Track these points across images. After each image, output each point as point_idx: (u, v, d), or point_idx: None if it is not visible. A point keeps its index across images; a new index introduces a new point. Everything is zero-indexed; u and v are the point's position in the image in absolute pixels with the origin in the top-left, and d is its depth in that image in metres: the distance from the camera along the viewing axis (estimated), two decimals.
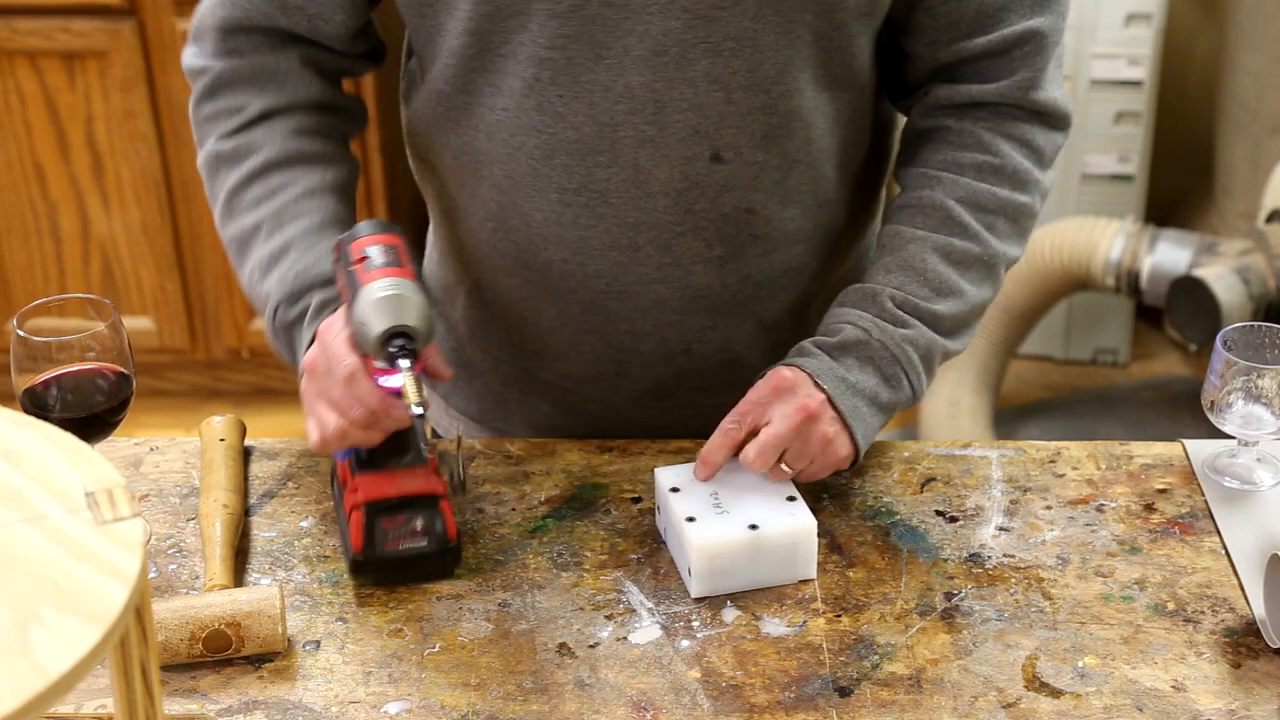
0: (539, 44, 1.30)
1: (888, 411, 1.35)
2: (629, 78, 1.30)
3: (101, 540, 0.80)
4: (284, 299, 1.34)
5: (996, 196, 1.38)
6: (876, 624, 1.24)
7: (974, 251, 1.37)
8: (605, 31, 1.28)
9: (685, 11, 1.27)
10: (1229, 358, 1.34)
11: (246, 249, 1.39)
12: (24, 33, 2.84)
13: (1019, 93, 1.37)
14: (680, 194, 1.35)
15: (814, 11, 1.30)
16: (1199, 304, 2.83)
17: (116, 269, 3.03)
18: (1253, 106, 3.11)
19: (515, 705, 1.17)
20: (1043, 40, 1.36)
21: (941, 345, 1.37)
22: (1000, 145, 1.38)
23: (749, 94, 1.32)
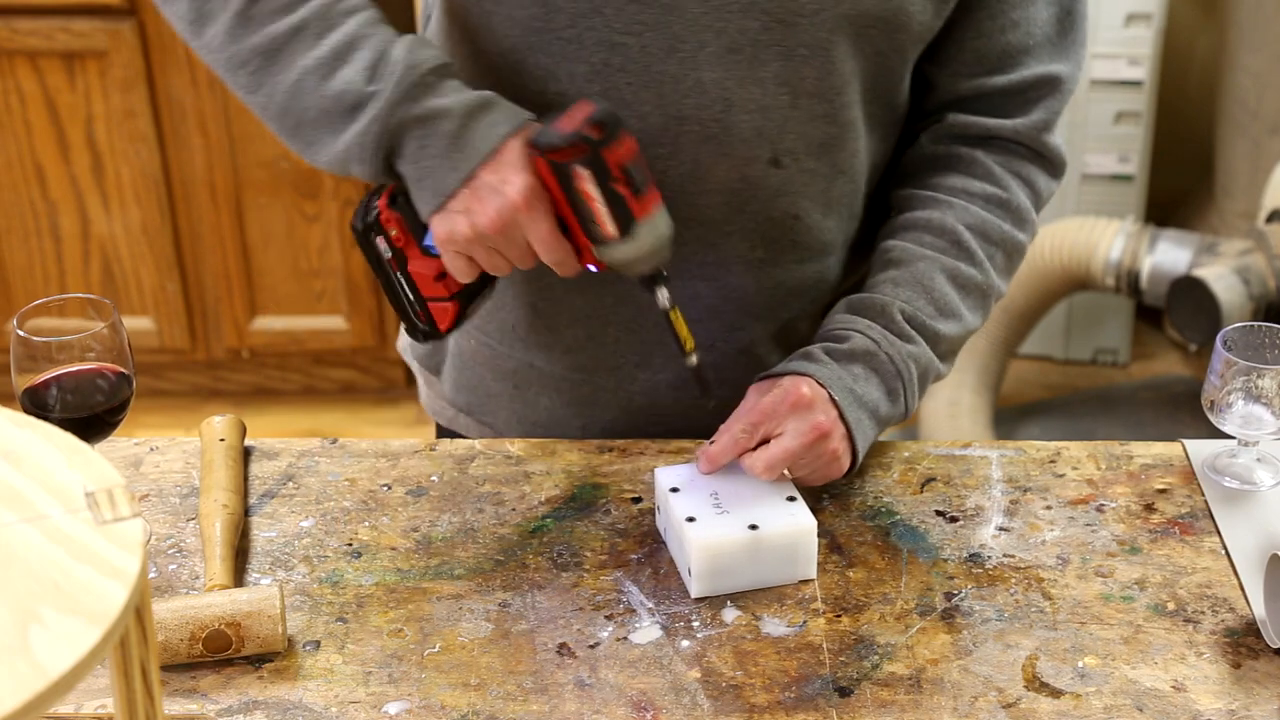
0: (613, 28, 1.29)
1: (883, 425, 1.37)
2: (701, 73, 1.30)
3: (101, 540, 0.80)
4: (399, 98, 1.25)
5: (1001, 230, 1.42)
6: (876, 624, 1.24)
7: (976, 279, 1.40)
8: (684, 24, 1.28)
9: (765, 14, 1.28)
10: (1229, 358, 1.34)
11: (281, 58, 1.28)
12: (24, 33, 2.84)
13: (1032, 133, 1.42)
14: (734, 194, 1.36)
15: (881, 29, 1.32)
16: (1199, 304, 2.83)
17: (116, 269, 3.03)
18: (1253, 106, 3.11)
19: (515, 705, 1.17)
20: (1060, 86, 1.41)
21: (936, 367, 1.39)
22: (1009, 181, 1.42)
23: (814, 101, 1.33)
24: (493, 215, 1.24)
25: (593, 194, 1.24)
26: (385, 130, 1.26)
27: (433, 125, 1.25)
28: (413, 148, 1.26)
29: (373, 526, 1.35)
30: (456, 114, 1.25)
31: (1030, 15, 1.38)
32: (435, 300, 1.34)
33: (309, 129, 1.29)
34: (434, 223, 1.28)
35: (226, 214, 2.99)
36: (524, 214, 1.25)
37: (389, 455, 1.43)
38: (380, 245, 1.33)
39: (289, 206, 2.99)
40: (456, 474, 1.41)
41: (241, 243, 3.02)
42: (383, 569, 1.30)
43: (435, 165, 1.26)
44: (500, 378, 1.50)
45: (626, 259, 1.28)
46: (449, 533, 1.34)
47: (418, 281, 1.33)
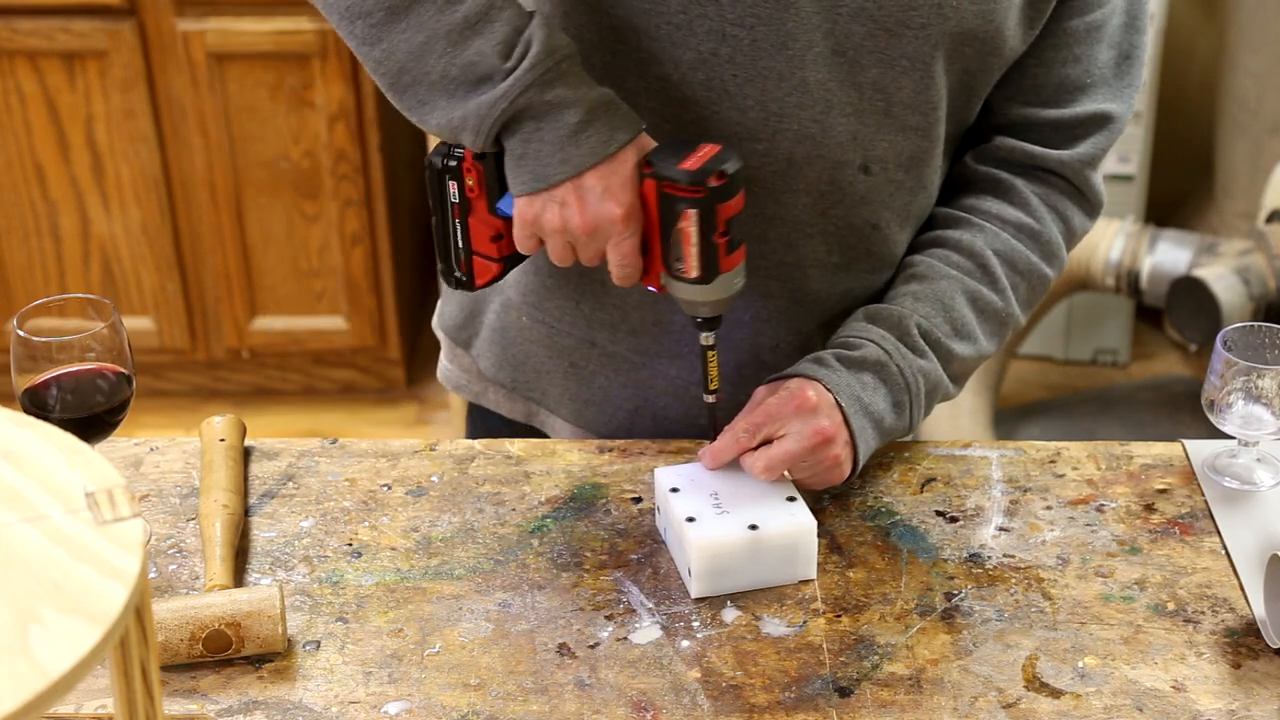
0: (726, 18, 1.29)
1: (886, 436, 1.37)
2: (806, 72, 1.30)
3: (101, 540, 0.80)
4: (535, 82, 1.23)
5: (1029, 261, 1.42)
6: (876, 624, 1.24)
7: (997, 305, 1.41)
8: (796, 21, 1.29)
9: (872, 21, 1.29)
10: (1229, 358, 1.34)
11: (410, 15, 1.24)
12: (24, 33, 2.84)
13: (1076, 166, 1.42)
14: (822, 195, 1.36)
15: (976, 49, 1.33)
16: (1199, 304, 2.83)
17: (116, 269, 3.03)
18: (1253, 106, 3.11)
19: (515, 705, 1.17)
20: (1110, 125, 1.42)
21: (945, 386, 1.40)
22: (1044, 213, 1.43)
23: (908, 112, 1.34)
24: (589, 220, 1.25)
25: (691, 236, 1.26)
26: (510, 109, 1.24)
27: (555, 114, 1.24)
28: (529, 129, 1.25)
29: (373, 526, 1.35)
30: (581, 109, 1.24)
31: (1093, 54, 1.38)
32: (483, 257, 1.35)
33: (426, 91, 1.26)
34: (523, 201, 1.27)
35: (226, 214, 2.99)
36: (618, 229, 1.26)
37: (389, 455, 1.43)
38: (451, 189, 1.32)
39: (289, 206, 2.99)
40: (456, 474, 1.41)
41: (241, 243, 3.02)
42: (383, 569, 1.30)
43: (545, 152, 1.25)
44: (555, 355, 1.49)
45: (693, 300, 1.29)
46: (449, 533, 1.34)
47: (473, 234, 1.34)
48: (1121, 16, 1.40)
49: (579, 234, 1.26)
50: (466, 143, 1.27)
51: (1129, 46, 1.41)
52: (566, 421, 1.51)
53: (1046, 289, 1.45)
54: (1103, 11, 1.38)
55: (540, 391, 1.52)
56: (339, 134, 2.90)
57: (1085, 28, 1.37)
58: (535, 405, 1.53)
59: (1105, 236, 2.99)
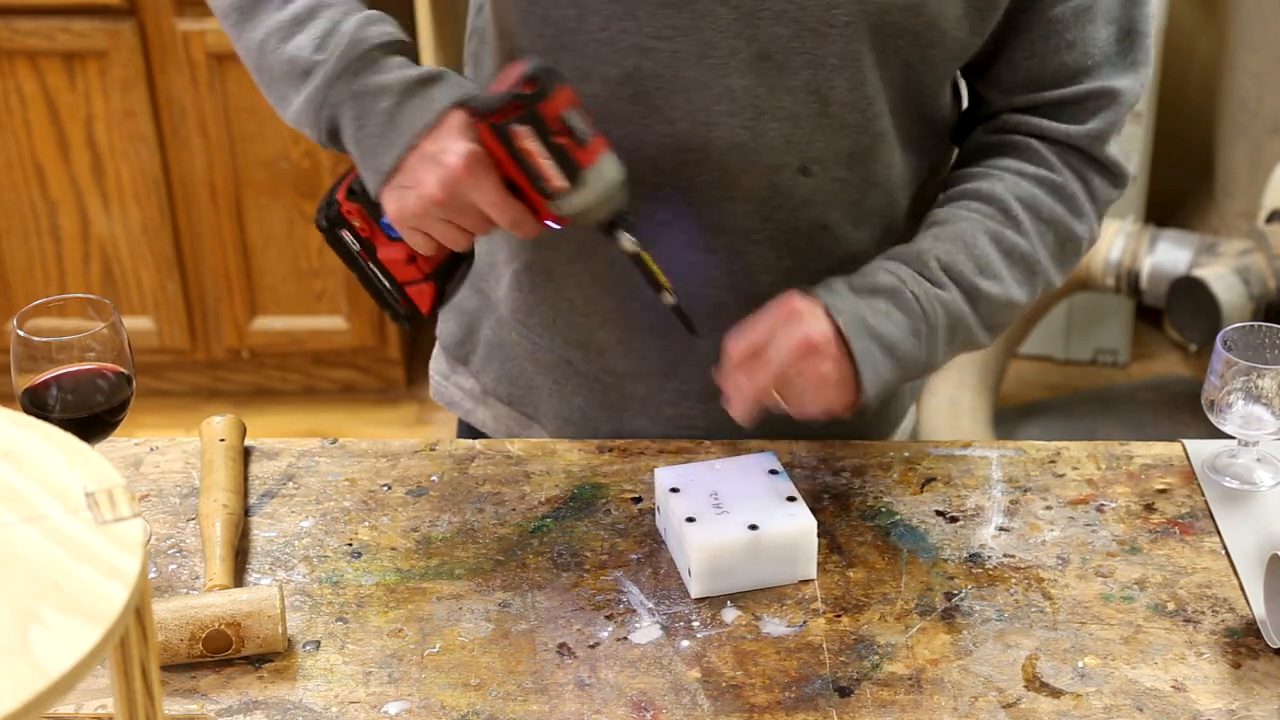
0: (645, 33, 1.29)
1: (905, 366, 1.31)
2: (731, 80, 1.30)
3: (101, 540, 0.80)
4: (340, 70, 1.28)
5: (1054, 211, 1.37)
6: (876, 624, 1.24)
7: (1022, 247, 1.35)
8: (715, 30, 1.28)
9: (795, 22, 1.28)
10: (1229, 358, 1.34)
11: (255, 15, 1.32)
12: (24, 33, 2.84)
13: (1087, 140, 1.38)
14: (762, 202, 1.35)
15: (911, 42, 1.31)
16: (1199, 304, 2.83)
17: (116, 269, 3.03)
18: (1253, 106, 3.11)
19: (515, 705, 1.17)
20: (1118, 99, 1.37)
21: (970, 322, 1.34)
22: (1064, 170, 1.38)
23: (844, 111, 1.32)
24: (435, 185, 1.24)
25: (535, 150, 1.24)
26: (324, 102, 1.28)
27: (370, 102, 1.27)
28: (351, 126, 1.28)
29: (373, 526, 1.35)
30: (394, 91, 1.26)
31: (1088, 35, 1.34)
32: (411, 284, 1.33)
33: (274, 87, 1.32)
34: (384, 200, 1.28)
35: (226, 214, 2.99)
36: (467, 180, 1.24)
37: (389, 455, 1.43)
38: (347, 239, 1.33)
39: (289, 206, 2.99)
40: (456, 474, 1.41)
41: (241, 243, 3.02)
42: (383, 569, 1.30)
43: (374, 143, 1.27)
44: (542, 371, 1.49)
45: (581, 208, 1.26)
46: (449, 533, 1.34)
47: (390, 268, 1.33)
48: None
49: (440, 205, 1.25)
50: (312, 139, 1.31)
51: (1128, 20, 1.36)
52: (553, 439, 1.50)
53: (1078, 252, 1.39)
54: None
55: (533, 407, 1.52)
56: None
57: (1073, 12, 1.33)
58: (528, 421, 1.53)
59: (1105, 236, 2.99)
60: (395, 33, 1.30)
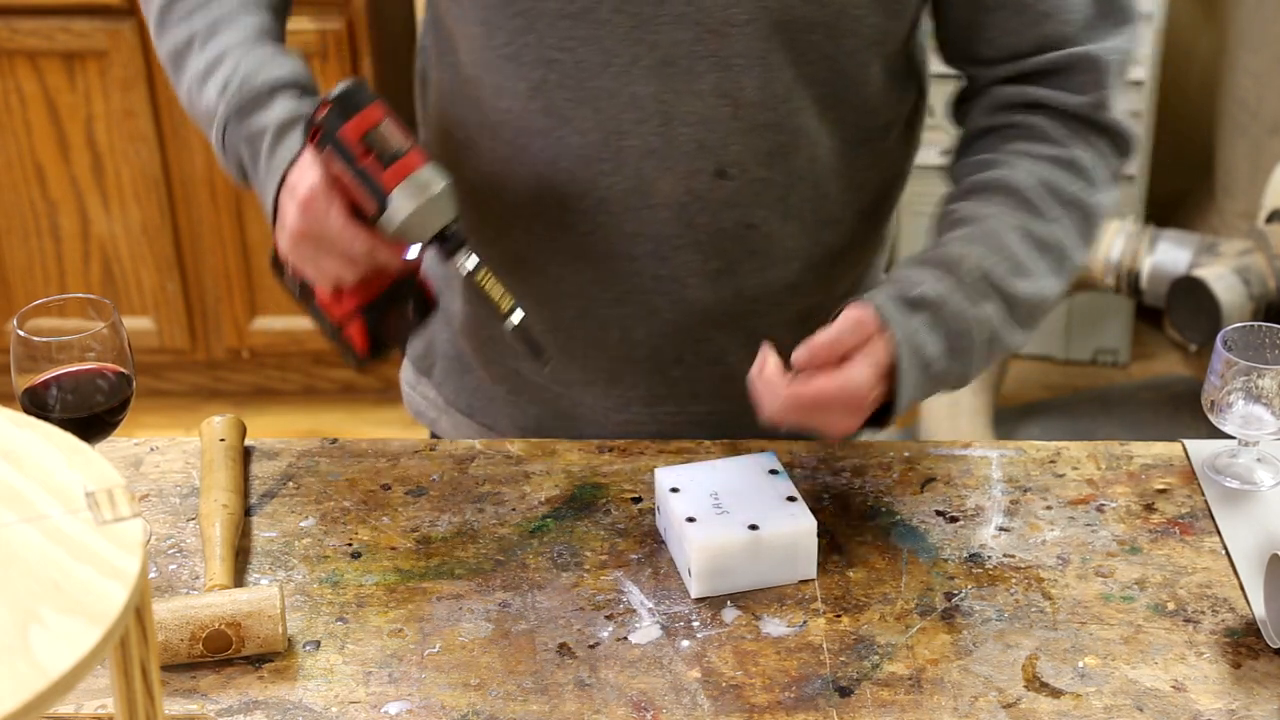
0: (547, 45, 1.29)
1: (938, 384, 1.29)
2: (636, 86, 1.29)
3: (101, 540, 0.80)
4: (230, 115, 1.32)
5: (1071, 190, 1.32)
6: (876, 624, 1.24)
7: (1051, 236, 1.31)
8: (615, 38, 1.28)
9: (696, 25, 1.27)
10: (1229, 358, 1.34)
11: (182, 66, 1.37)
12: (24, 33, 2.84)
13: (1088, 109, 1.34)
14: (682, 207, 1.34)
15: (823, 34, 1.29)
16: (1199, 304, 2.83)
17: (116, 269, 3.03)
18: (1253, 106, 3.11)
19: (515, 705, 1.17)
20: (1108, 63, 1.33)
21: (1008, 331, 1.30)
22: (1075, 145, 1.34)
23: (755, 110, 1.31)
24: (293, 218, 1.25)
25: (345, 174, 1.22)
26: (225, 146, 1.33)
27: (256, 143, 1.31)
28: (249, 167, 1.32)
29: (373, 526, 1.35)
30: (271, 129, 1.30)
31: (1062, 4, 1.31)
32: (346, 320, 1.32)
33: (208, 131, 1.36)
34: (276, 237, 1.29)
35: (226, 214, 2.99)
36: (312, 211, 1.24)
37: (389, 455, 1.43)
38: (290, 283, 1.34)
39: None
40: (456, 474, 1.41)
41: (241, 243, 3.02)
42: (383, 569, 1.30)
43: (260, 182, 1.31)
44: (497, 381, 1.51)
45: (400, 230, 1.22)
46: (449, 533, 1.34)
47: (324, 308, 1.33)
48: None
49: (302, 234, 1.25)
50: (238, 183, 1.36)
51: None
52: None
53: (1098, 225, 1.34)
54: None
55: (492, 417, 1.53)
56: None
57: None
58: (488, 431, 1.53)
59: (1105, 236, 2.99)
60: (291, 71, 1.32)
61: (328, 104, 1.22)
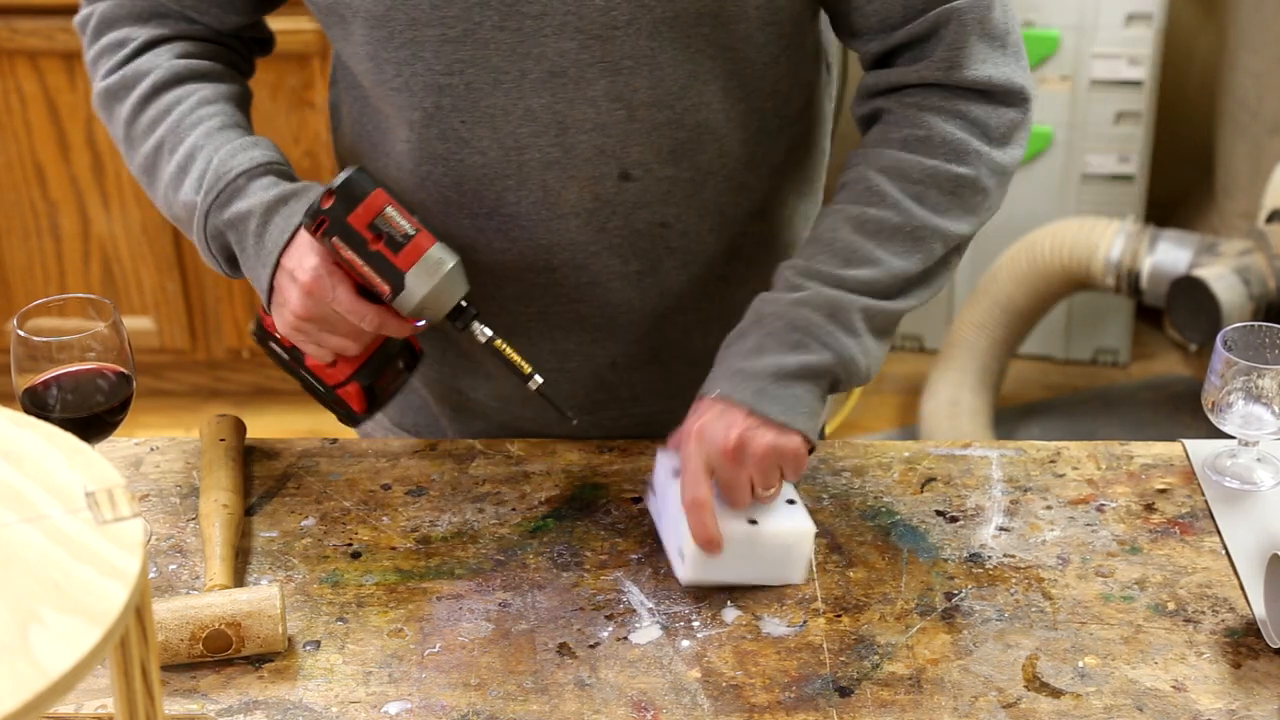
0: (435, 71, 1.29)
1: (807, 377, 1.26)
2: (529, 100, 1.29)
3: (101, 540, 0.80)
4: (211, 205, 1.33)
5: (924, 166, 1.31)
6: (876, 624, 1.24)
7: (892, 221, 1.29)
8: (501, 55, 1.28)
9: (579, 32, 1.26)
10: (1229, 358, 1.34)
11: (155, 173, 1.38)
12: (24, 33, 2.84)
13: (939, 73, 1.31)
14: (591, 213, 1.34)
15: (711, 25, 1.28)
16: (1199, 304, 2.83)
17: (116, 269, 3.03)
18: (1253, 106, 3.11)
19: (515, 705, 1.17)
20: (961, 18, 1.29)
21: (856, 302, 1.27)
22: (928, 119, 1.32)
23: (652, 110, 1.31)
24: (297, 300, 1.29)
25: (355, 260, 1.27)
26: (205, 237, 1.34)
27: (240, 228, 1.32)
28: (236, 251, 1.34)
29: (373, 526, 1.35)
30: (257, 213, 1.31)
31: None
32: (339, 386, 1.36)
33: (188, 235, 1.39)
34: (273, 317, 1.33)
35: None
36: (318, 293, 1.28)
37: (389, 455, 1.43)
38: (276, 350, 1.37)
39: None
40: (456, 474, 1.41)
41: None
42: (383, 569, 1.30)
43: (251, 265, 1.33)
44: (440, 400, 1.52)
45: (417, 308, 1.28)
46: (449, 533, 1.34)
47: (316, 373, 1.36)
48: None
49: (307, 320, 1.29)
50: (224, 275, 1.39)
51: None
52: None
53: (979, 190, 1.31)
54: None
55: (439, 435, 1.54)
56: None
57: None
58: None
59: (1105, 236, 2.99)
60: (265, 155, 1.34)
61: (331, 194, 1.26)
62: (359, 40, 1.31)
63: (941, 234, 1.31)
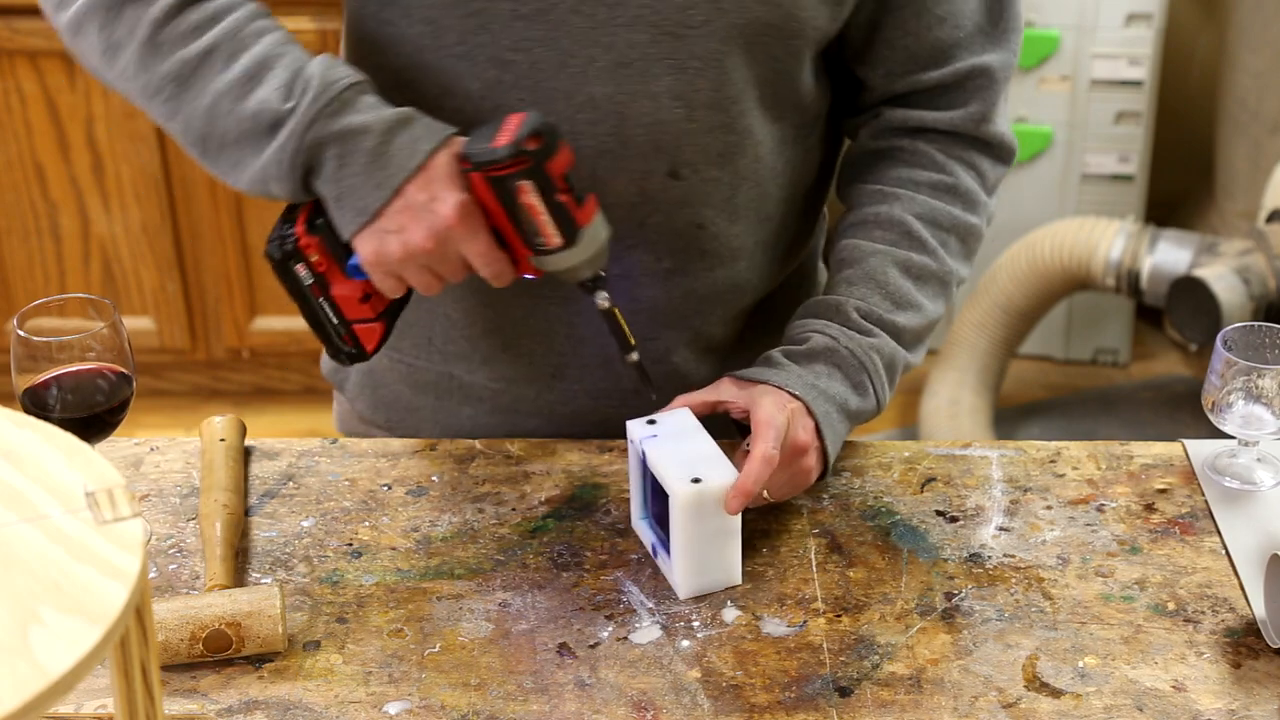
0: (502, 45, 1.29)
1: (854, 420, 1.36)
2: (592, 88, 1.29)
3: (101, 540, 0.80)
4: (319, 114, 1.24)
5: (951, 215, 1.41)
6: (876, 624, 1.24)
7: (931, 267, 1.40)
8: (571, 39, 1.28)
9: (652, 27, 1.27)
10: (1229, 358, 1.34)
11: (195, 81, 1.27)
12: (24, 33, 2.84)
13: (970, 124, 1.41)
14: (634, 207, 1.35)
15: (773, 37, 1.31)
16: (1199, 304, 2.83)
17: (116, 269, 3.03)
18: (1253, 106, 3.11)
19: (515, 705, 1.17)
20: (993, 76, 1.40)
21: (903, 357, 1.39)
22: (953, 166, 1.41)
23: (710, 112, 1.32)
24: (426, 234, 1.23)
25: (537, 206, 1.24)
26: (301, 147, 1.24)
27: (352, 142, 1.24)
28: (331, 166, 1.25)
29: (373, 526, 1.35)
30: (376, 130, 1.24)
31: (957, 9, 1.36)
32: (361, 322, 1.32)
33: (229, 151, 1.28)
34: (360, 242, 1.26)
35: (226, 214, 2.99)
36: (459, 230, 1.24)
37: (389, 455, 1.43)
38: (301, 272, 1.30)
39: None
40: (456, 474, 1.41)
41: (241, 243, 3.02)
42: (383, 569, 1.30)
43: (357, 183, 1.24)
44: (419, 390, 1.50)
45: (570, 265, 1.27)
46: (449, 533, 1.34)
47: (342, 305, 1.31)
48: None
49: (426, 252, 1.24)
50: (279, 194, 1.27)
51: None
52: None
53: (979, 240, 1.44)
54: None
55: (414, 429, 1.52)
56: None
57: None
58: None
59: (1105, 236, 2.99)
60: (357, 74, 1.28)
61: (539, 136, 1.23)
62: (416, 3, 1.29)
63: (958, 279, 1.42)
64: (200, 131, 1.28)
